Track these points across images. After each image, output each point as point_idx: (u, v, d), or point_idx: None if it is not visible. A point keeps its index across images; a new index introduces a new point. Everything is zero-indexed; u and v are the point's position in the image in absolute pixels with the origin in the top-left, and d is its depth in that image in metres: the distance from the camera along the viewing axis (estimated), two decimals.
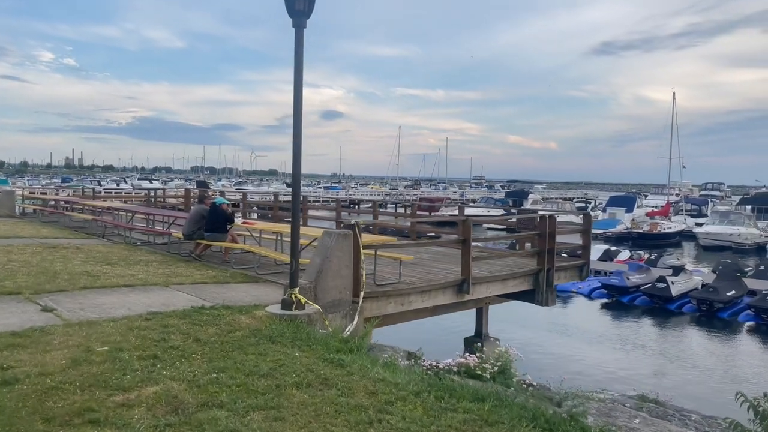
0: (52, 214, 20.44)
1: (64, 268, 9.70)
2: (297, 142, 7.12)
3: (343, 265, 8.05)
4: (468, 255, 9.78)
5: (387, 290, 8.94)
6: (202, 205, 11.96)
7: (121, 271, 9.72)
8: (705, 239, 41.06)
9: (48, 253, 11.54)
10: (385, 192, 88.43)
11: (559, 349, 15.76)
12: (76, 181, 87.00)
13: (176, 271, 10.15)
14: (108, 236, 15.56)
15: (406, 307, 9.31)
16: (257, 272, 10.32)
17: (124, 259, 11.26)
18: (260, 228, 11.30)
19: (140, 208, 17.24)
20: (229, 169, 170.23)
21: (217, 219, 11.54)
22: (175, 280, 9.14)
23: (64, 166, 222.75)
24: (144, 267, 10.40)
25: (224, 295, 8.30)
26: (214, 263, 11.44)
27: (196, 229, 11.78)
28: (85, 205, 18.87)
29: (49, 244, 12.99)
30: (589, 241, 12.22)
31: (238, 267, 10.91)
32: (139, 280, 8.93)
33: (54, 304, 7.07)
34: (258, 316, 6.78)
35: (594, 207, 66.51)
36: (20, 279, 8.51)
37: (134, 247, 13.40)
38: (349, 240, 8.12)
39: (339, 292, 8.00)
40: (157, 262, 11.20)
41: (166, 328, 6.02)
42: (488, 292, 10.61)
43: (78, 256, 11.42)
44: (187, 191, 25.69)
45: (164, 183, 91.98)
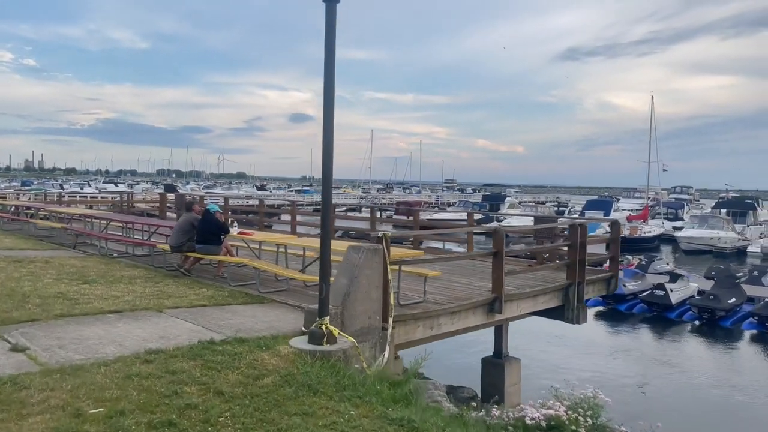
0: (14, 221, 18.69)
1: (34, 289, 8.27)
2: (328, 137, 5.93)
3: (373, 286, 6.88)
4: (500, 270, 8.70)
5: (416, 313, 7.79)
6: (192, 214, 10.60)
7: (103, 292, 8.34)
8: (686, 243, 40.97)
9: (13, 269, 10.04)
10: (360, 195, 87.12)
11: (590, 369, 14.71)
12: (37, 185, 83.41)
13: (166, 290, 8.81)
14: (80, 247, 14.03)
15: (435, 330, 8.18)
16: (259, 290, 9.06)
17: (102, 276, 9.85)
18: (260, 239, 10.02)
19: (116, 216, 15.72)
20: (196, 173, 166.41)
21: (210, 229, 10.22)
22: (169, 303, 7.82)
23: (24, 169, 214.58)
24: (128, 286, 9.03)
25: (230, 321, 7.04)
26: (206, 279, 10.13)
27: (185, 240, 10.43)
28: (51, 212, 17.20)
29: (13, 257, 11.45)
30: (618, 252, 11.29)
31: (235, 284, 9.62)
32: (126, 304, 7.58)
33: (26, 340, 5.71)
34: (283, 353, 5.56)
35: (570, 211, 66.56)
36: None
37: (112, 260, 11.94)
38: (379, 255, 6.96)
39: (368, 318, 6.82)
40: (142, 278, 9.82)
41: (175, 375, 4.75)
42: (518, 311, 9.56)
43: (48, 272, 9.95)
44: (163, 195, 24.08)
45: (130, 186, 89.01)
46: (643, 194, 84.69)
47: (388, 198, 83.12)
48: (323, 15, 5.66)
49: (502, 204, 61.13)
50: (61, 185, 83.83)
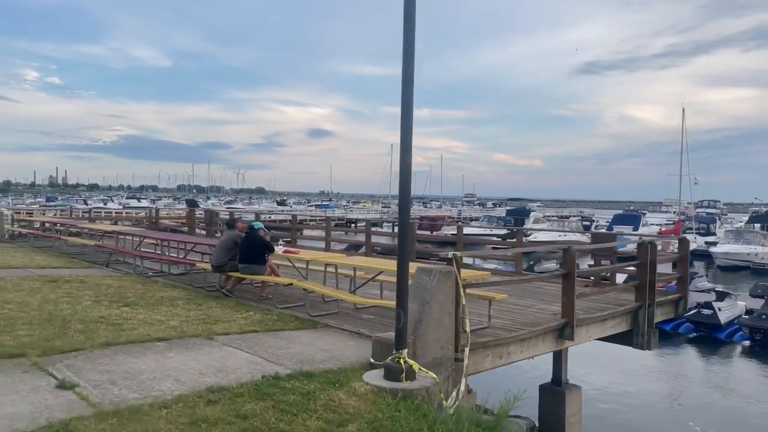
0: (45, 238, 18.40)
1: (74, 312, 7.77)
2: (406, 142, 5.35)
3: (446, 312, 6.23)
4: (572, 293, 8.00)
5: (486, 341, 7.11)
6: (235, 231, 10.07)
7: (146, 316, 7.80)
8: (722, 259, 39.63)
9: (49, 290, 9.58)
10: (380, 210, 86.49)
11: (649, 395, 13.78)
12: (61, 201, 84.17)
13: (211, 313, 8.25)
14: (112, 265, 13.61)
15: (504, 360, 7.49)
16: (309, 314, 8.47)
17: (142, 297, 9.34)
18: (307, 258, 9.44)
19: (151, 233, 15.28)
20: (217, 188, 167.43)
21: (255, 247, 9.67)
22: (218, 329, 7.24)
23: (48, 185, 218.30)
24: (170, 308, 8.49)
25: (287, 350, 6.44)
26: (250, 300, 9.57)
27: (227, 259, 9.89)
28: (83, 228, 16.85)
29: (47, 277, 11.02)
30: (687, 271, 10.50)
31: (282, 306, 9.04)
32: (173, 330, 7.02)
33: (73, 374, 5.16)
34: (360, 392, 4.93)
35: (596, 226, 65.26)
36: (22, 331, 6.57)
37: (148, 280, 11.45)
38: (452, 279, 6.32)
39: (440, 348, 6.17)
40: (183, 300, 9.28)
41: (247, 421, 4.15)
42: (588, 337, 8.82)
43: (86, 293, 9.47)
44: (191, 211, 23.73)
45: (152, 202, 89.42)
46: (670, 208, 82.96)
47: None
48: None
49: (526, 218, 60.09)
50: (85, 201, 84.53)
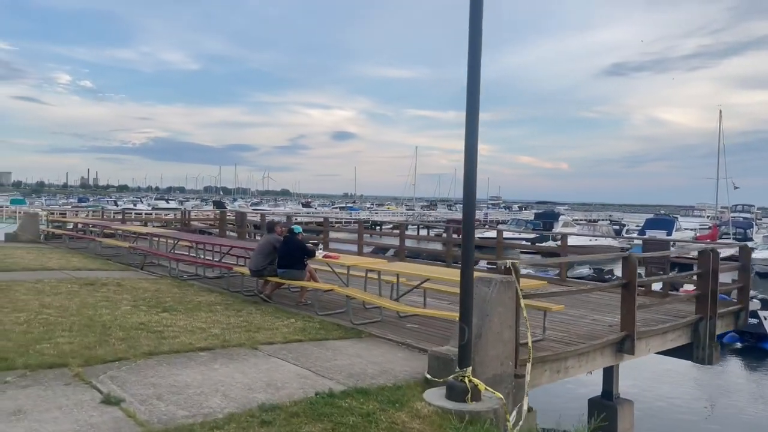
0: (79, 239, 18.44)
1: (114, 318, 7.55)
2: (471, 141, 4.97)
3: (506, 326, 5.83)
4: (632, 304, 7.52)
5: (545, 355, 6.68)
6: (274, 235, 9.79)
7: (186, 322, 7.54)
8: (761, 265, 38.30)
9: (87, 293, 9.41)
10: (403, 212, 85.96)
11: (703, 410, 13.16)
12: (92, 201, 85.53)
13: (252, 320, 7.97)
14: (147, 267, 13.48)
15: (562, 375, 7.05)
16: (352, 322, 8.13)
17: (179, 302, 9.11)
18: (349, 263, 9.11)
19: (186, 235, 15.15)
20: (243, 190, 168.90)
21: (294, 252, 9.38)
22: (261, 338, 6.94)
23: (80, 186, 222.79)
24: (209, 314, 8.23)
25: (336, 362, 6.10)
26: (288, 306, 9.28)
27: (266, 264, 9.62)
28: (117, 230, 16.81)
29: (84, 279, 10.89)
30: (748, 280, 9.91)
31: (323, 313, 8.73)
32: (215, 338, 6.74)
33: (118, 387, 4.89)
34: (423, 413, 4.56)
35: (627, 230, 63.87)
36: (62, 338, 6.36)
37: (183, 283, 11.25)
38: (512, 289, 5.92)
39: (500, 364, 5.77)
40: (221, 305, 9.03)
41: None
42: (647, 350, 8.32)
43: (123, 296, 9.28)
44: (222, 213, 23.64)
45: (180, 203, 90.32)
46: (703, 212, 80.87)
47: (434, 215, 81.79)
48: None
49: (555, 222, 59.10)
50: (115, 202, 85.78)
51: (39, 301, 8.57)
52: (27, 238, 18.57)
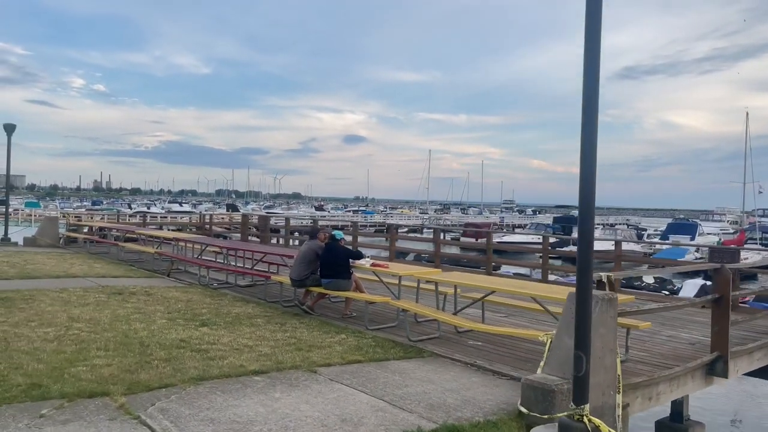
0: (100, 244, 17.86)
1: (150, 334, 6.86)
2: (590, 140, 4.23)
3: (608, 350, 5.07)
4: (726, 320, 6.72)
5: (638, 381, 5.90)
6: (316, 242, 9.08)
7: (230, 339, 6.84)
8: None
9: (117, 304, 8.75)
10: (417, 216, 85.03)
11: None
12: (106, 205, 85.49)
13: (299, 336, 7.25)
14: (173, 274, 12.83)
15: (653, 402, 6.26)
16: (409, 338, 7.39)
17: (216, 314, 8.42)
18: (401, 273, 8.36)
19: (216, 241, 14.50)
20: (255, 193, 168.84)
21: (339, 260, 8.66)
22: (316, 358, 6.22)
23: (93, 189, 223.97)
24: (252, 329, 7.53)
25: (408, 389, 5.36)
26: (333, 319, 8.57)
27: (309, 272, 8.91)
28: (140, 235, 16.19)
29: (111, 288, 10.24)
30: None
31: (373, 327, 8.00)
32: (267, 359, 6.02)
33: (171, 423, 4.18)
34: None
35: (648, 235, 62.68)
36: (98, 359, 5.67)
37: (215, 292, 10.57)
38: (614, 308, 5.16)
39: (602, 394, 5.00)
40: (262, 318, 8.33)
41: None
42: (736, 372, 7.51)
43: (156, 308, 8.61)
44: (244, 217, 22.99)
45: (194, 206, 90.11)
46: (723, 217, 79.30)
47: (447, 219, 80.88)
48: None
49: (575, 226, 58.02)
50: (129, 205, 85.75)
51: (67, 313, 7.91)
52: (46, 242, 18.02)
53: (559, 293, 6.40)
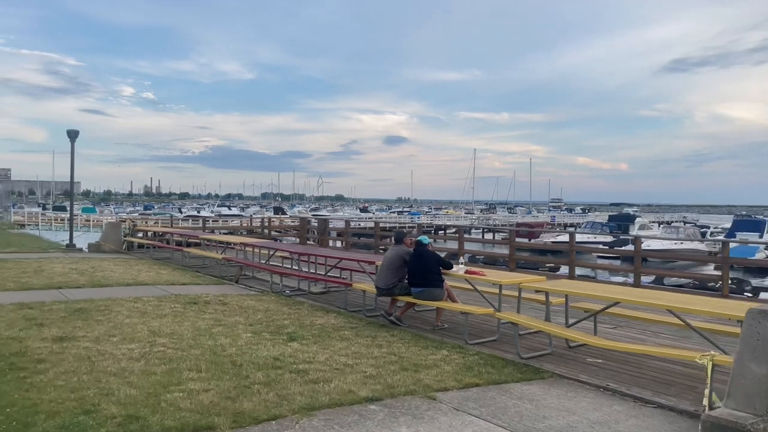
0: (161, 249, 17.68)
1: (240, 351, 6.29)
2: None
3: None
4: None
5: None
6: (402, 247, 8.38)
7: (326, 357, 6.20)
8: None
9: (194, 315, 8.26)
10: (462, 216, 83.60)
11: None
12: (157, 209, 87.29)
13: (397, 352, 6.55)
14: (242, 281, 12.38)
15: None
16: (520, 355, 6.59)
17: (300, 325, 7.82)
18: (503, 281, 7.56)
19: (284, 246, 14.03)
20: (299, 195, 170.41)
21: (429, 267, 7.94)
22: (427, 380, 5.50)
23: (144, 194, 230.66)
24: (343, 343, 6.87)
25: (549, 423, 4.59)
26: (424, 330, 7.87)
27: (396, 280, 8.22)
28: (203, 239, 15.88)
29: (184, 297, 9.80)
30: None
31: (473, 342, 7.23)
32: (375, 382, 5.34)
33: None
34: None
35: (712, 232, 59.76)
36: (193, 382, 5.10)
37: (290, 300, 10.01)
38: None
39: None
40: (348, 330, 7.68)
41: None
42: None
43: (235, 319, 8.07)
44: (303, 220, 22.58)
45: (242, 209, 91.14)
46: None
47: (494, 219, 79.22)
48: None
49: (631, 225, 55.86)
50: (179, 209, 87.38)
51: (146, 325, 7.44)
52: (110, 248, 17.96)
53: (712, 307, 5.50)
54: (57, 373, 5.26)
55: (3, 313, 7.90)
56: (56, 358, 5.73)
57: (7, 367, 5.37)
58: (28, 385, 4.86)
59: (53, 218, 43.43)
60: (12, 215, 42.95)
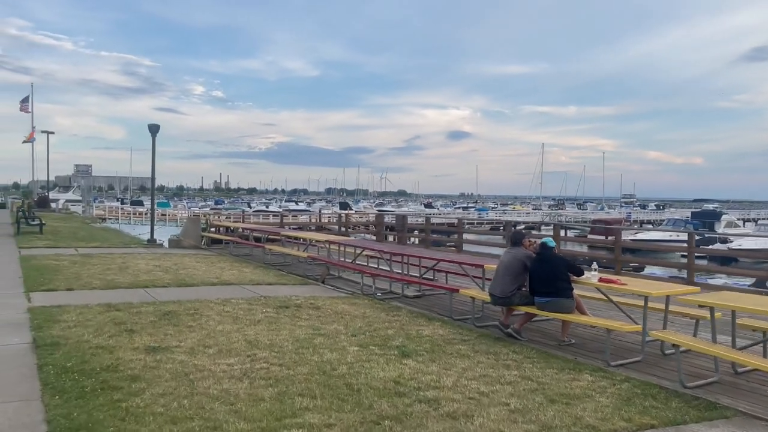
0: (240, 245, 17.30)
1: (352, 370, 5.45)
2: None
3: None
4: None
5: None
6: (521, 250, 7.34)
7: (452, 380, 5.26)
8: None
9: (289, 321, 7.53)
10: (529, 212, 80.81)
11: None
12: (227, 204, 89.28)
13: (533, 376, 5.54)
14: (328, 281, 11.67)
15: None
16: (683, 383, 5.44)
17: (406, 336, 6.94)
18: (654, 293, 6.39)
19: (373, 245, 13.27)
20: (363, 191, 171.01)
21: (557, 273, 6.86)
22: (589, 418, 4.46)
23: (214, 189, 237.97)
24: (464, 361, 5.93)
25: None
26: (548, 346, 6.82)
27: (515, 288, 7.20)
28: (285, 237, 15.33)
29: (273, 299, 9.14)
30: None
31: (616, 363, 6.13)
32: (526, 420, 4.36)
33: None
34: None
35: None
36: (311, 415, 4.26)
37: (385, 305, 9.16)
38: None
39: None
40: (463, 343, 6.73)
41: None
42: None
43: (335, 328, 7.27)
44: (379, 215, 21.83)
45: (308, 205, 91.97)
46: None
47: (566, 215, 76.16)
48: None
49: (717, 222, 52.14)
50: (249, 204, 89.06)
51: (241, 333, 6.75)
52: (189, 243, 17.76)
53: None
54: (154, 395, 4.57)
55: (91, 316, 7.43)
56: (151, 375, 5.07)
57: (98, 386, 4.74)
58: (124, 412, 4.18)
59: (132, 212, 44.75)
60: (94, 209, 44.53)
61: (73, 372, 5.04)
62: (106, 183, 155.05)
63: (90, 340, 6.18)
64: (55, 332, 6.49)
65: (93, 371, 5.11)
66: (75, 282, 10.07)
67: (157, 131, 18.42)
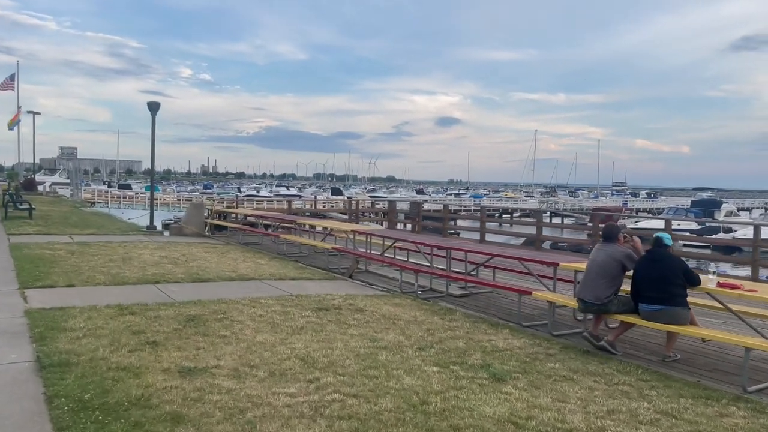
0: (247, 233, 16.06)
1: (445, 403, 4.30)
2: None
3: None
4: None
5: None
6: (616, 247, 6.21)
7: (578, 416, 4.14)
8: None
9: (336, 328, 6.36)
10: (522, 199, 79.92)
11: None
12: (217, 188, 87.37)
13: (671, 410, 4.44)
14: (355, 275, 10.52)
15: None
16: None
17: (480, 348, 5.82)
18: None
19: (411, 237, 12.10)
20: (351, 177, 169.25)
21: (672, 277, 5.71)
22: None
23: (201, 173, 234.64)
24: (568, 385, 4.82)
25: None
26: (649, 361, 5.74)
27: (612, 292, 6.08)
28: (301, 225, 14.11)
29: (306, 299, 7.97)
30: None
31: (755, 388, 5.06)
32: None
33: None
34: None
35: None
36: None
37: (436, 307, 8.02)
38: None
39: None
40: (549, 359, 5.62)
41: None
42: None
43: (395, 338, 6.11)
44: (392, 204, 20.62)
45: (299, 190, 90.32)
46: None
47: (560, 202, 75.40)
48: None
49: (717, 211, 51.54)
50: (239, 188, 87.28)
51: (287, 346, 5.57)
52: (192, 230, 16.47)
53: None
54: None
55: (101, 322, 6.20)
56: (197, 413, 3.88)
57: (131, 430, 3.55)
58: None
59: (121, 196, 43.13)
60: (82, 193, 42.86)
61: (93, 409, 3.84)
62: (92, 166, 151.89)
63: (107, 357, 4.97)
64: (62, 345, 5.27)
65: (120, 406, 3.91)
66: (76, 276, 8.81)
67: (157, 109, 17.06)
